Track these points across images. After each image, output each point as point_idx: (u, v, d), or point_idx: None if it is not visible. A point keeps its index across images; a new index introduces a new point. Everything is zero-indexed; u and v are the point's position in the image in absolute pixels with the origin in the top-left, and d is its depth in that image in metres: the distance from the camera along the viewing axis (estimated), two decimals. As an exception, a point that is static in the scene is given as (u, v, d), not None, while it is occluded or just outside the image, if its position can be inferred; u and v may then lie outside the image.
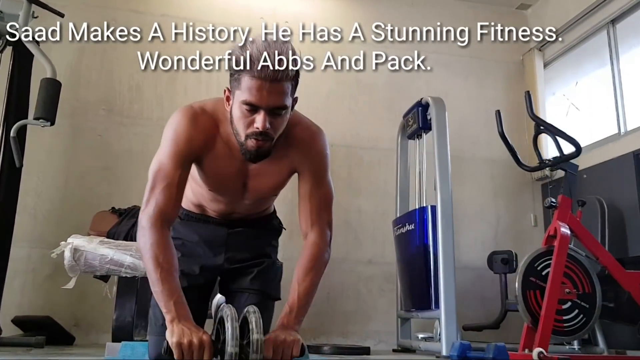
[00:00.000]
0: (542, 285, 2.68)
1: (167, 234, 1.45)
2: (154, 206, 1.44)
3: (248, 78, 1.37)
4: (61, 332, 3.57)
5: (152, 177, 1.49)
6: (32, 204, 3.92)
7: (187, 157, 1.51)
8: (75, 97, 4.13)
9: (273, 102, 1.39)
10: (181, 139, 1.50)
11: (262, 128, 1.41)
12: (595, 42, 4.49)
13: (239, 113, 1.43)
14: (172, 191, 1.47)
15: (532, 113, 2.90)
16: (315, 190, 1.61)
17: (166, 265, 1.38)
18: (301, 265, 1.55)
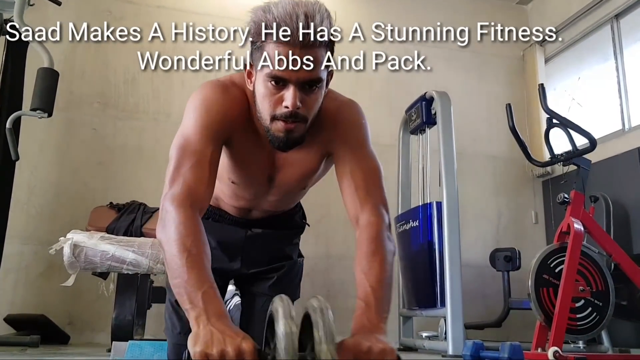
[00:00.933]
0: (556, 283, 2.63)
1: (198, 217, 1.13)
2: (181, 185, 1.14)
3: (273, 45, 1.12)
4: (55, 331, 3.47)
5: (177, 154, 1.18)
6: (24, 199, 3.81)
7: (220, 132, 1.24)
8: (70, 90, 4.02)
9: (305, 74, 1.13)
10: (213, 110, 1.24)
11: (292, 107, 1.14)
12: (598, 37, 4.45)
13: (263, 90, 1.17)
14: (204, 169, 1.17)
15: (546, 106, 2.84)
16: (357, 164, 1.29)
17: (195, 249, 1.05)
18: (361, 252, 1.19)
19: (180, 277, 1.01)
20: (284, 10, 1.11)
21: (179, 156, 1.17)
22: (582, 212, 2.77)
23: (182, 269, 1.01)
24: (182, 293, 1.01)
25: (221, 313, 0.97)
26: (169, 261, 1.06)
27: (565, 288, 2.58)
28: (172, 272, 1.04)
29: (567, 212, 2.76)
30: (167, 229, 1.08)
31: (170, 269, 1.05)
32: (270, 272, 1.57)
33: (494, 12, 5.12)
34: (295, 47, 1.11)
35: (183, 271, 1.01)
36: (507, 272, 3.88)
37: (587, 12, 4.43)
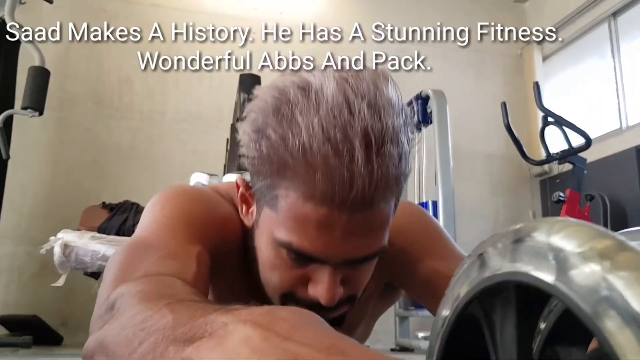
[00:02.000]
0: (551, 282, 2.60)
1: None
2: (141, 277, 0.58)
3: (299, 199, 0.61)
4: (48, 331, 3.44)
5: (122, 256, 0.65)
6: (17, 199, 3.77)
7: (210, 239, 0.72)
8: (63, 89, 3.99)
9: (354, 250, 0.64)
10: (199, 206, 0.75)
11: (328, 302, 0.65)
12: (596, 35, 4.43)
13: (271, 257, 0.67)
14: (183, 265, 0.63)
15: (541, 104, 2.81)
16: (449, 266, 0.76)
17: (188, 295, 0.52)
18: None
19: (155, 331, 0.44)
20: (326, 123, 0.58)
21: (126, 256, 0.65)
22: (577, 211, 2.75)
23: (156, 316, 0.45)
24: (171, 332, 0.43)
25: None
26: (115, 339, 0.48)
27: (560, 288, 2.55)
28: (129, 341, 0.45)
29: (563, 210, 2.73)
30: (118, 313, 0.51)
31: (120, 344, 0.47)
32: None
33: (491, 10, 5.10)
34: (343, 211, 0.60)
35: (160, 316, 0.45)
36: (504, 272, 3.85)
37: (585, 10, 4.40)
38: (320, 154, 0.57)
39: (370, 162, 0.58)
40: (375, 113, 0.59)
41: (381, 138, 0.58)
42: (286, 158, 0.59)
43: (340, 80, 0.60)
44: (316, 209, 0.59)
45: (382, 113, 0.59)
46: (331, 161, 0.57)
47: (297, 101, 0.60)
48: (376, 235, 0.64)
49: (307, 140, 0.57)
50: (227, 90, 4.07)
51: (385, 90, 0.61)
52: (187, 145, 4.13)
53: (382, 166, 0.58)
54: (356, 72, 0.63)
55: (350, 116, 0.58)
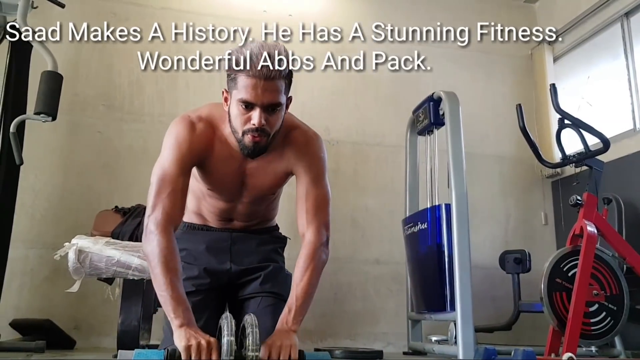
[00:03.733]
0: (569, 287, 2.58)
1: (174, 239, 1.50)
2: (161, 210, 1.50)
3: (244, 77, 1.46)
4: (61, 335, 3.44)
5: (157, 183, 1.54)
6: (29, 203, 3.77)
7: (189, 162, 1.60)
8: (74, 92, 3.99)
9: (268, 99, 1.48)
10: (182, 146, 1.58)
11: (258, 125, 1.49)
12: (608, 35, 4.39)
13: (236, 111, 1.52)
14: (177, 196, 1.54)
15: (557, 106, 2.79)
16: (311, 191, 1.66)
17: (175, 270, 1.44)
18: (298, 266, 1.59)
19: (166, 292, 1.41)
20: (252, 51, 1.45)
21: (158, 184, 1.55)
22: (595, 215, 2.72)
23: (166, 286, 1.41)
24: (168, 304, 1.41)
25: (194, 322, 1.42)
26: (156, 276, 1.44)
27: (578, 292, 2.53)
28: (158, 286, 1.43)
29: (580, 214, 2.71)
30: (152, 248, 1.46)
31: (157, 282, 1.44)
32: (258, 270, 1.79)
33: (500, 11, 5.07)
34: (260, 79, 1.45)
35: (168, 288, 1.41)
36: (517, 275, 3.83)
37: (597, 10, 4.37)
38: (250, 59, 1.45)
39: (272, 63, 1.45)
40: (276, 47, 1.50)
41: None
42: (237, 64, 1.48)
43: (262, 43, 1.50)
44: (250, 79, 1.47)
45: (279, 48, 1.49)
46: (254, 61, 1.45)
47: (239, 49, 1.48)
48: (278, 94, 1.49)
49: (244, 56, 1.46)
50: (237, 94, 4.06)
51: (283, 50, 1.51)
52: (197, 148, 4.12)
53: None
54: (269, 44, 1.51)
55: (262, 48, 1.47)
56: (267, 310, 1.70)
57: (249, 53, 1.45)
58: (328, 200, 1.69)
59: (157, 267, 1.43)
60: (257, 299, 1.74)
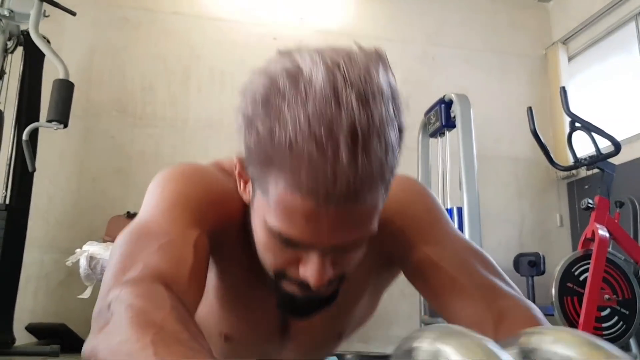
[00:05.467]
0: (580, 292, 2.55)
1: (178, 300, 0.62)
2: (140, 269, 0.65)
3: (287, 192, 0.62)
4: (76, 339, 3.47)
5: (125, 241, 0.71)
6: (44, 208, 3.82)
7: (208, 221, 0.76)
8: (87, 98, 4.03)
9: (341, 239, 0.66)
10: (197, 188, 0.79)
11: (317, 285, 0.68)
12: (622, 34, 4.33)
13: (265, 239, 0.70)
14: (181, 253, 0.69)
15: (568, 109, 2.76)
16: (446, 251, 0.83)
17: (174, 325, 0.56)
18: None
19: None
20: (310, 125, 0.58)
21: (128, 243, 0.71)
22: (607, 218, 2.69)
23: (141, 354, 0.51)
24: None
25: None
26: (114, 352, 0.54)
27: (590, 297, 2.50)
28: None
29: (592, 218, 2.67)
30: (107, 327, 0.58)
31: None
32: None
33: (514, 10, 5.03)
34: (330, 205, 0.61)
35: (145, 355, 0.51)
36: (532, 277, 3.80)
37: (611, 9, 4.31)
38: (306, 150, 0.58)
39: (355, 159, 0.58)
40: (363, 106, 0.58)
41: (367, 133, 0.58)
42: (273, 152, 0.60)
43: (332, 65, 0.60)
44: (303, 202, 0.60)
45: (371, 104, 0.59)
46: (316, 157, 0.57)
47: (285, 92, 0.60)
48: (363, 224, 0.65)
49: (293, 135, 0.58)
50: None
51: (376, 76, 0.62)
52: (209, 152, 4.14)
53: (367, 162, 0.58)
54: (349, 55, 0.62)
55: (337, 110, 0.57)
56: None
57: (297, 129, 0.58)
58: (487, 259, 0.87)
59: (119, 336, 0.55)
60: None
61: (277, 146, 0.59)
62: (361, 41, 2.20)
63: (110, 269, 0.68)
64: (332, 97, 0.58)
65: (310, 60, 0.61)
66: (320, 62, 0.60)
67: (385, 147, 0.60)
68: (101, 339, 0.58)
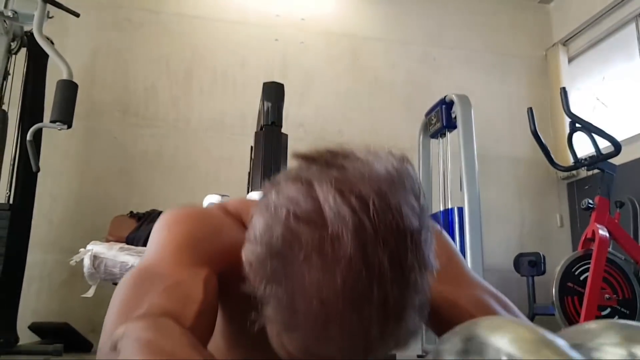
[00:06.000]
0: (581, 291, 2.57)
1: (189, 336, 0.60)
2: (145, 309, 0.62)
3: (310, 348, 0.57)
4: (79, 338, 3.50)
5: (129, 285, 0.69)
6: (47, 208, 3.84)
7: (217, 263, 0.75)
8: (90, 99, 4.04)
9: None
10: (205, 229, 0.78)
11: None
12: (623, 35, 4.35)
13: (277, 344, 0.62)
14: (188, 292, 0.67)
15: (568, 110, 2.78)
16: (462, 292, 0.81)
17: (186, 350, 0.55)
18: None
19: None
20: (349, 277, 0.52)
21: (132, 287, 0.68)
22: (607, 218, 2.71)
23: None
24: None
25: None
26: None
27: (590, 296, 2.52)
28: None
29: (592, 218, 2.69)
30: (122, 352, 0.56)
31: None
32: None
33: (515, 11, 5.05)
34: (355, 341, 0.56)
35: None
36: (532, 277, 3.81)
37: (611, 10, 4.33)
38: (333, 332, 0.52)
39: (384, 335, 0.54)
40: (395, 270, 0.52)
41: (401, 304, 0.54)
42: (295, 323, 0.55)
43: (360, 211, 0.52)
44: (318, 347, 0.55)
45: (404, 267, 0.53)
46: (346, 337, 0.53)
47: (309, 254, 0.53)
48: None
49: (318, 312, 0.52)
50: (249, 98, 4.09)
51: (407, 216, 0.54)
52: (212, 153, 4.16)
53: (397, 332, 0.55)
54: (378, 191, 0.54)
55: (368, 281, 0.51)
56: None
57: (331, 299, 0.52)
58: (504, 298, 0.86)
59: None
60: None
61: (301, 320, 0.54)
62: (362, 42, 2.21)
63: (113, 310, 0.65)
64: (363, 267, 0.51)
65: (334, 205, 0.53)
66: (347, 211, 0.52)
67: (418, 306, 0.56)
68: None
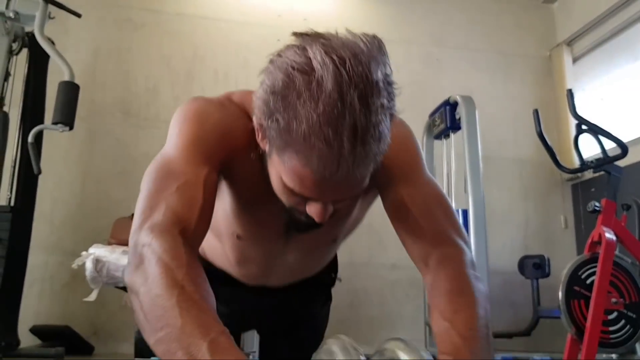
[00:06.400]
0: (587, 295, 2.53)
1: (191, 249, 0.84)
2: (163, 212, 0.85)
3: (300, 165, 0.78)
4: (80, 341, 3.48)
5: (153, 179, 0.92)
6: (48, 210, 3.82)
7: (218, 152, 0.95)
8: (91, 100, 4.02)
9: (340, 197, 0.85)
10: (208, 124, 0.96)
11: (320, 221, 0.88)
12: (628, 35, 4.32)
13: (279, 187, 0.89)
14: (195, 191, 0.89)
15: (575, 112, 2.75)
16: (416, 195, 1.01)
17: (190, 285, 0.76)
18: (440, 293, 0.94)
19: (170, 326, 0.71)
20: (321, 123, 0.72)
21: (155, 180, 0.91)
22: (613, 221, 2.67)
23: (171, 312, 0.72)
24: (175, 349, 0.70)
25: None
26: (148, 308, 0.75)
27: (597, 300, 2.49)
28: (154, 323, 0.74)
29: (598, 221, 2.66)
30: (143, 266, 0.79)
31: (151, 318, 0.74)
32: (290, 334, 1.39)
33: (519, 11, 5.02)
34: (331, 179, 0.78)
35: (173, 315, 0.71)
36: (537, 280, 3.79)
37: (616, 10, 4.29)
38: (316, 144, 0.73)
39: (354, 151, 0.74)
40: (363, 105, 0.73)
41: (365, 129, 0.73)
42: (290, 140, 0.76)
43: (339, 65, 0.72)
44: (312, 175, 0.78)
45: (369, 103, 0.73)
46: (325, 150, 0.73)
47: (300, 91, 0.73)
48: (357, 187, 0.84)
49: (306, 130, 0.73)
50: (252, 99, 4.07)
51: (376, 72, 0.75)
52: (214, 154, 4.14)
53: (364, 152, 0.75)
54: (354, 51, 0.74)
55: (342, 111, 0.72)
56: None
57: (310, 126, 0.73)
58: (448, 202, 1.07)
59: (153, 288, 0.76)
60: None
61: (294, 137, 0.75)
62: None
63: (140, 202, 0.90)
64: (339, 100, 0.71)
65: (320, 59, 0.73)
66: (329, 62, 0.72)
67: (379, 137, 0.76)
68: (139, 281, 0.79)
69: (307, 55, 0.74)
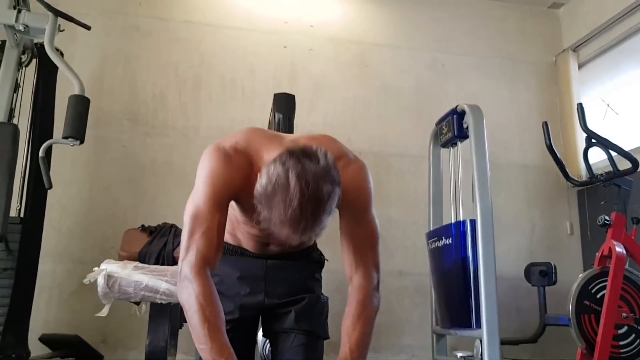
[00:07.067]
0: (597, 309, 2.55)
1: (211, 283, 1.39)
2: (194, 252, 1.38)
3: (274, 231, 1.26)
4: (89, 350, 3.49)
5: (190, 222, 1.42)
6: (56, 218, 3.83)
7: (225, 198, 1.45)
8: (99, 108, 4.01)
9: (306, 240, 1.51)
10: (217, 181, 1.43)
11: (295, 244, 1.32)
12: (634, 42, 4.32)
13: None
14: (212, 235, 1.40)
15: (585, 126, 2.75)
16: (357, 229, 1.51)
17: (213, 319, 1.33)
18: (349, 313, 1.48)
19: (205, 345, 1.31)
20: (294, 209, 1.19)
21: (192, 223, 1.42)
22: (624, 235, 2.68)
23: (205, 339, 1.31)
24: (207, 355, 1.31)
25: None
26: (193, 327, 1.34)
27: (607, 315, 2.50)
28: (195, 337, 1.34)
29: (608, 235, 2.67)
30: (187, 296, 1.36)
31: (195, 334, 1.34)
32: (291, 303, 1.69)
33: (524, 17, 5.02)
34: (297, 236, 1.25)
35: (206, 340, 1.31)
36: (543, 287, 3.79)
37: (623, 17, 4.29)
38: (283, 229, 1.22)
39: (307, 233, 1.22)
40: (314, 212, 1.20)
41: (312, 228, 1.22)
42: (270, 220, 1.23)
43: (304, 186, 1.18)
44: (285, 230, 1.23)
45: (319, 213, 1.21)
46: (288, 232, 1.22)
47: (279, 200, 1.20)
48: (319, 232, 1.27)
49: (279, 222, 1.21)
50: (258, 107, 4.08)
51: (327, 191, 1.21)
52: (221, 161, 4.13)
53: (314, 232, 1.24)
54: (315, 179, 1.20)
55: (301, 215, 1.19)
56: (300, 350, 1.65)
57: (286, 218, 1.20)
58: (376, 239, 1.55)
59: (194, 318, 1.32)
60: (291, 336, 1.66)
61: (272, 220, 1.23)
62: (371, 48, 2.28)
63: (183, 240, 1.41)
64: (299, 208, 1.18)
65: (295, 182, 1.19)
66: (299, 185, 1.18)
67: (322, 226, 1.24)
68: (186, 306, 1.36)
69: (288, 176, 1.19)
